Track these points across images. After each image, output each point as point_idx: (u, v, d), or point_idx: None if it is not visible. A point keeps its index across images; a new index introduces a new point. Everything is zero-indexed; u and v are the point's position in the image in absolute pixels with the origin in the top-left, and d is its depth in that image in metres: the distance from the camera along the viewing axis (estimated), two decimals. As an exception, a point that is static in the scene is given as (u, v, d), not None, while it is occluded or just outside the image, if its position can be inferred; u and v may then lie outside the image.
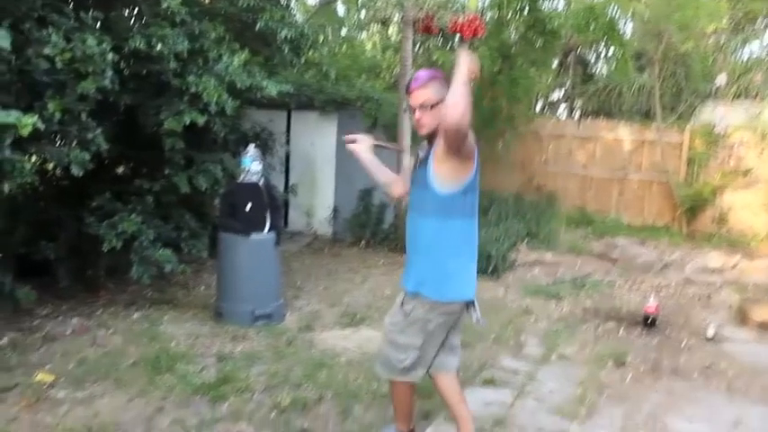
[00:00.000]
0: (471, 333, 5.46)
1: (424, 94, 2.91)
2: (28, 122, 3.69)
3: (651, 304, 6.09)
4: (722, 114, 11.40)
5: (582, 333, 5.79)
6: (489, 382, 4.48)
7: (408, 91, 2.97)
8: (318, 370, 4.42)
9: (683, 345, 5.59)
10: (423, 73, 2.98)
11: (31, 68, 4.48)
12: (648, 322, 6.02)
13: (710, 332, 5.79)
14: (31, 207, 5.75)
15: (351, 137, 3.39)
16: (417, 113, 2.93)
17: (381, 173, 3.38)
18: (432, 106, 2.90)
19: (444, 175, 2.90)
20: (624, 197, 11.66)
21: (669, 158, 11.02)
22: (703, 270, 8.35)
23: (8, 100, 4.32)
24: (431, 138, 2.97)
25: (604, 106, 13.53)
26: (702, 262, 8.79)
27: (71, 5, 5.00)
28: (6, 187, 4.53)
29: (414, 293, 3.09)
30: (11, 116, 3.65)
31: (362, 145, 3.38)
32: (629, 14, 11.80)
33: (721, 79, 13.03)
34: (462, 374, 4.54)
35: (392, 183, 3.40)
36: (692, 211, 10.90)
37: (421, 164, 3.02)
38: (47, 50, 4.39)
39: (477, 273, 7.65)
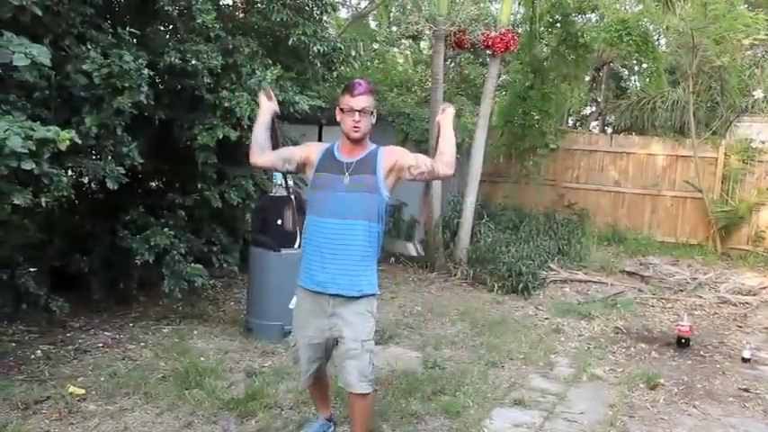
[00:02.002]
0: (500, 352, 5.42)
1: (367, 100, 3.16)
2: (66, 137, 3.76)
3: (685, 324, 5.98)
4: (759, 130, 11.21)
5: (613, 353, 5.71)
6: (518, 403, 4.43)
7: (352, 94, 3.14)
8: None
9: (717, 367, 5.48)
10: (363, 81, 3.22)
11: (69, 84, 4.56)
12: (682, 343, 5.91)
13: (746, 354, 5.66)
14: (67, 220, 5.85)
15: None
16: (358, 116, 3.13)
17: (266, 137, 3.39)
18: (371, 113, 3.20)
19: (389, 184, 3.24)
20: (657, 214, 11.50)
21: (704, 175, 10.85)
22: (739, 290, 8.17)
23: (47, 115, 4.41)
24: (356, 141, 3.20)
25: (637, 121, 13.39)
26: (738, 281, 8.61)
27: (109, 22, 5.09)
28: (44, 200, 4.62)
29: (359, 295, 3.21)
30: (50, 131, 3.72)
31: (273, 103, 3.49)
32: (664, 27, 11.70)
33: (758, 94, 12.82)
34: (491, 394, 4.53)
35: (266, 148, 3.37)
36: (726, 229, 10.71)
37: (360, 170, 3.19)
38: (85, 66, 4.47)
39: (509, 290, 7.63)
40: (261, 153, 3.33)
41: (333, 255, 3.17)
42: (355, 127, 3.15)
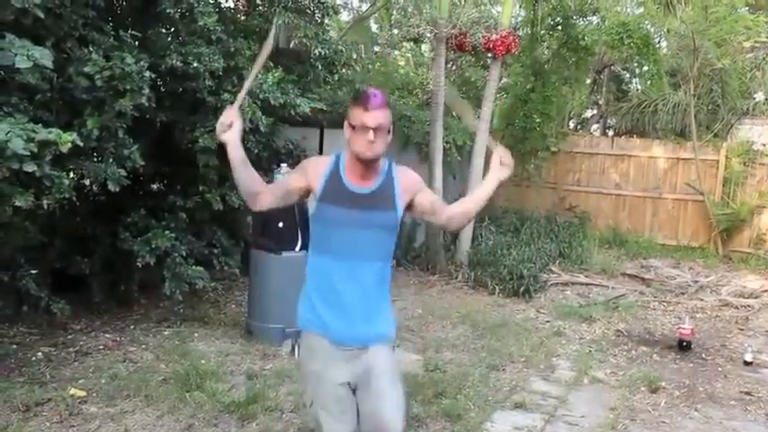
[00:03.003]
0: (501, 355, 5.42)
1: (383, 115, 2.56)
2: (68, 139, 3.77)
3: (686, 327, 5.98)
4: (760, 132, 11.20)
5: (614, 356, 5.70)
6: (519, 406, 4.43)
7: (366, 108, 2.55)
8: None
9: (719, 370, 5.48)
10: (379, 93, 2.62)
11: (71, 86, 4.57)
12: (683, 346, 5.91)
13: (748, 357, 5.66)
14: (68, 222, 5.85)
15: (227, 118, 2.68)
16: (372, 136, 2.52)
17: (250, 175, 2.69)
18: (388, 131, 2.60)
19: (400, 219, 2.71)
20: (658, 217, 11.48)
21: (705, 177, 10.84)
22: (740, 293, 8.16)
23: (49, 117, 4.41)
24: (369, 163, 2.60)
25: (638, 124, 13.36)
26: (739, 284, 8.60)
27: (111, 24, 5.10)
28: (45, 202, 4.62)
29: (382, 340, 2.73)
30: (52, 133, 3.72)
31: (235, 132, 2.68)
32: (664, 30, 11.69)
33: (759, 96, 12.80)
34: (492, 397, 4.53)
35: (260, 191, 2.69)
36: (728, 232, 10.69)
37: (377, 206, 2.63)
38: (87, 68, 4.48)
39: (510, 293, 7.54)
40: (259, 199, 2.68)
41: (353, 302, 2.64)
42: (369, 148, 2.55)
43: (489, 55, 9.10)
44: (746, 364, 5.60)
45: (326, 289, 2.66)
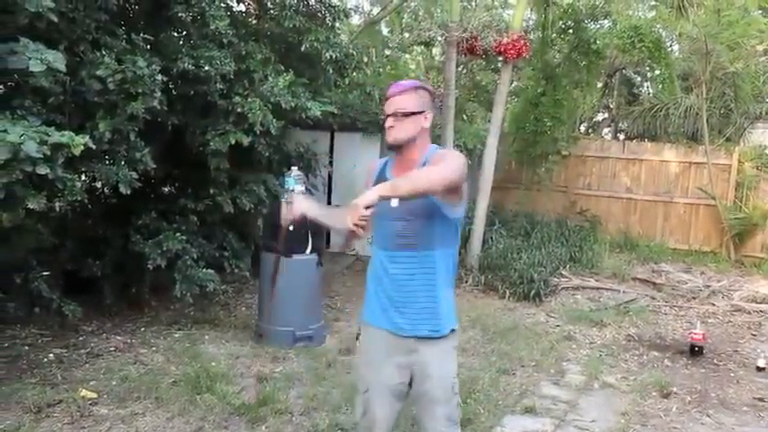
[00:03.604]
0: (512, 359, 5.40)
1: (402, 100, 2.66)
2: (80, 142, 3.79)
3: (698, 332, 5.94)
4: (773, 136, 11.14)
5: (625, 361, 5.67)
6: (529, 410, 4.41)
7: (386, 96, 2.71)
8: (357, 394, 4.39)
9: (731, 375, 5.44)
10: (407, 82, 2.78)
11: (83, 89, 4.60)
12: (695, 351, 5.87)
13: (761, 363, 5.61)
14: (80, 224, 5.90)
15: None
16: (389, 121, 2.65)
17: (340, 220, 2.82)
18: (406, 114, 2.65)
19: (450, 199, 2.69)
20: (670, 221, 11.41)
21: (717, 182, 10.76)
22: (753, 298, 8.09)
23: (62, 120, 4.44)
24: (397, 148, 2.70)
25: (650, 128, 13.31)
26: (752, 289, 8.52)
27: (123, 28, 5.13)
28: (57, 205, 4.65)
29: (446, 334, 2.70)
30: (64, 136, 3.75)
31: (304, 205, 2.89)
32: (676, 34, 11.64)
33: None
34: (502, 401, 4.51)
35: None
36: (740, 237, 10.61)
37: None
38: (99, 72, 4.51)
39: (520, 296, 7.48)
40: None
41: (402, 292, 2.67)
42: (389, 133, 2.65)
43: (500, 58, 9.08)
44: (759, 369, 5.56)
45: (379, 279, 2.73)
